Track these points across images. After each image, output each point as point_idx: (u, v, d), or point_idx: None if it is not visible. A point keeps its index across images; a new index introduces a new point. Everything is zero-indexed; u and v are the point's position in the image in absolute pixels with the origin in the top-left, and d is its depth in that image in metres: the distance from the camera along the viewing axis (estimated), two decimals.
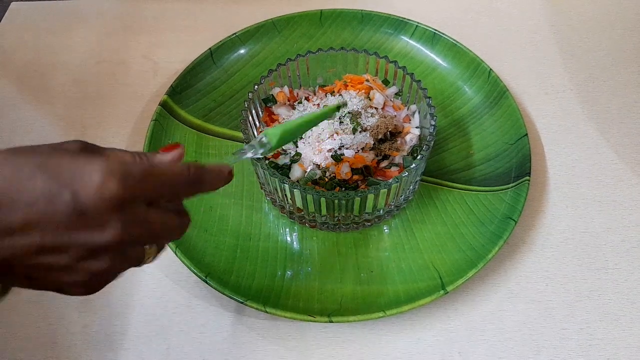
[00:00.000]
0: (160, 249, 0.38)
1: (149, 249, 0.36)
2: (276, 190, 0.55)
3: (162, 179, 0.34)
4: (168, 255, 0.57)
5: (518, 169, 0.60)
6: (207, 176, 0.37)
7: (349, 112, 0.58)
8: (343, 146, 0.56)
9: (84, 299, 0.55)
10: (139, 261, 0.36)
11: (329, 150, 0.56)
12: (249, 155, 0.45)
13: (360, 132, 0.57)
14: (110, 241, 0.31)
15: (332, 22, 0.74)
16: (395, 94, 0.62)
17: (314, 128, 0.56)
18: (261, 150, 0.45)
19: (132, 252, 0.35)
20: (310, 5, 0.76)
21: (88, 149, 0.33)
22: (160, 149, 0.38)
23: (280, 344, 0.52)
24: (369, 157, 0.57)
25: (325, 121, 0.57)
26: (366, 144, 0.57)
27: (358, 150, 0.57)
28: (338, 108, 0.54)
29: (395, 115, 0.61)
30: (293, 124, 0.48)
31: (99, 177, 0.30)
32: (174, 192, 0.35)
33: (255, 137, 0.46)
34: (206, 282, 0.53)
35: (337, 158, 0.56)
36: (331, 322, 0.50)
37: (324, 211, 0.54)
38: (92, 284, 0.34)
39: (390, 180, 0.52)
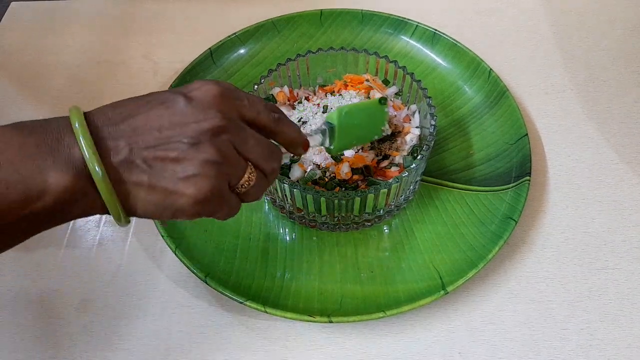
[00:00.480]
0: (259, 181, 0.40)
1: (250, 170, 0.38)
2: (276, 190, 0.55)
3: (245, 93, 0.40)
4: (168, 256, 0.57)
5: (518, 169, 0.60)
6: (287, 121, 0.42)
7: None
8: None
9: (84, 299, 0.55)
10: (240, 170, 0.38)
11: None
12: (317, 141, 0.49)
13: None
14: (213, 126, 0.36)
15: (332, 22, 0.74)
16: (396, 93, 0.62)
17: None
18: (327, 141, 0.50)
19: (233, 157, 0.37)
20: (310, 5, 0.76)
21: None
22: None
23: (280, 344, 0.52)
24: (369, 157, 0.57)
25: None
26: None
27: (358, 150, 0.57)
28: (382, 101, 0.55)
29: (395, 115, 0.60)
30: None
31: (201, 83, 0.38)
32: (257, 109, 0.39)
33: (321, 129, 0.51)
34: (206, 283, 0.52)
35: (337, 158, 0.56)
36: (331, 322, 0.50)
37: (324, 211, 0.54)
38: (202, 180, 0.35)
39: (390, 180, 0.52)
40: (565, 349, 0.51)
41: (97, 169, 0.33)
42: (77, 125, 0.33)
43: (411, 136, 0.59)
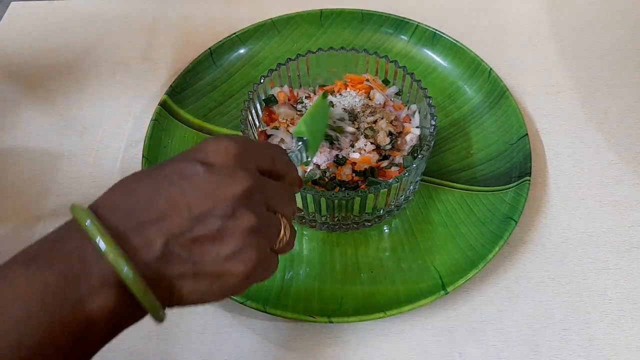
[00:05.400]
0: (291, 231, 0.39)
1: (283, 223, 0.37)
2: None
3: (256, 142, 0.39)
4: None
5: (518, 169, 0.60)
6: (292, 163, 0.41)
7: (350, 112, 0.58)
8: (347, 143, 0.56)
9: None
10: (278, 228, 0.37)
11: (334, 149, 0.56)
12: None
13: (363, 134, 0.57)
14: (245, 189, 0.33)
15: (332, 22, 0.74)
16: (396, 93, 0.62)
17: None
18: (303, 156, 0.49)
19: (268, 217, 0.36)
20: (310, 5, 0.76)
21: None
22: None
23: (280, 344, 0.52)
24: (374, 158, 0.57)
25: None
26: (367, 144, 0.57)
27: (362, 152, 0.56)
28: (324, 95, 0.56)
29: (396, 116, 0.60)
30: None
31: (213, 144, 0.35)
32: (271, 158, 0.38)
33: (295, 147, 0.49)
34: None
35: (340, 162, 0.56)
36: (331, 322, 0.50)
37: (324, 211, 0.54)
38: (249, 253, 0.33)
39: (390, 180, 0.52)
40: (565, 348, 0.51)
41: (129, 275, 0.30)
42: (98, 240, 0.30)
43: (411, 136, 0.59)
